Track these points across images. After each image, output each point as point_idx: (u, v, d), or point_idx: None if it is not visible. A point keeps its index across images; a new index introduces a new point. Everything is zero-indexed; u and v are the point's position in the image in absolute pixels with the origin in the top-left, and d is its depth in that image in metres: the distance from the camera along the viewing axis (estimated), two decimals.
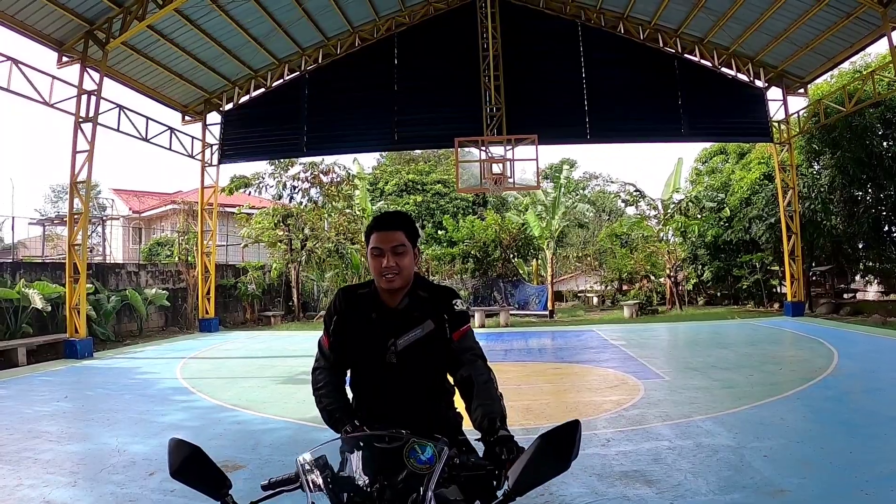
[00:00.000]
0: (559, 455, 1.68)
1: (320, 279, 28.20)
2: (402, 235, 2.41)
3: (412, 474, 1.75)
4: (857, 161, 20.32)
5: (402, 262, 2.39)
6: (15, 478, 5.69)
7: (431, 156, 46.27)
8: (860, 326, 17.01)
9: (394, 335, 2.43)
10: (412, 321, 2.45)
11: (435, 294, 2.53)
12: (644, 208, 29.54)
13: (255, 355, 15.79)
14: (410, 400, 2.46)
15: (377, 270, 2.39)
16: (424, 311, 2.47)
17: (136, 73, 18.84)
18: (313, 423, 7.55)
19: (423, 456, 1.78)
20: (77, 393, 10.66)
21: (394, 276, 2.38)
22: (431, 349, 2.44)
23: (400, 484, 1.74)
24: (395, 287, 2.41)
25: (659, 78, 21.18)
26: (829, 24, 17.27)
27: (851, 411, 7.66)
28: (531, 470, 1.69)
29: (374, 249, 2.39)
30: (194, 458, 1.85)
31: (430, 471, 1.74)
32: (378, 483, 1.72)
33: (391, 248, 2.37)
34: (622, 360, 12.59)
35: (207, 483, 1.84)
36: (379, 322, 2.47)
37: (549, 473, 1.70)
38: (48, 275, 17.19)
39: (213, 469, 1.86)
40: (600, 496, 4.94)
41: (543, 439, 1.70)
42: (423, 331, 2.44)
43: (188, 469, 1.85)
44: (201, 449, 1.87)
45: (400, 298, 2.47)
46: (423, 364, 2.46)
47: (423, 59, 21.70)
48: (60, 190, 43.56)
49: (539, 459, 1.69)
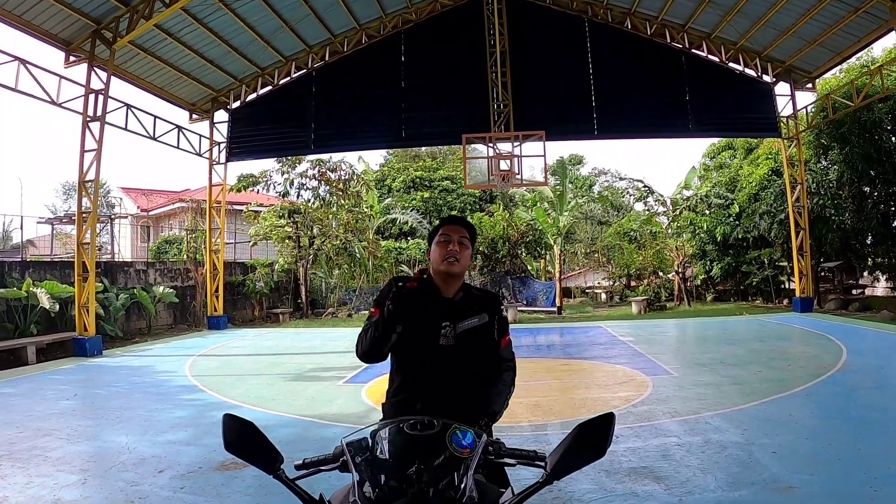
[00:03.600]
0: (595, 444, 1.77)
1: (328, 276, 28.23)
2: (466, 232, 2.75)
3: (448, 459, 1.82)
4: (866, 156, 20.22)
5: (463, 251, 2.69)
6: (25, 475, 5.72)
7: (438, 152, 46.22)
8: (869, 322, 16.93)
9: (450, 320, 2.65)
10: (467, 311, 2.70)
11: (486, 294, 2.88)
12: (652, 204, 29.46)
13: (264, 353, 15.82)
14: (456, 384, 2.64)
15: (441, 255, 2.66)
16: (480, 305, 2.75)
17: (144, 72, 18.88)
18: (322, 420, 7.59)
19: (464, 441, 1.86)
20: (86, 391, 10.72)
21: (455, 261, 2.65)
22: (485, 340, 2.72)
23: (437, 468, 1.79)
24: (454, 271, 2.68)
25: (666, 73, 21.09)
26: (836, 18, 17.16)
27: (860, 407, 7.63)
28: (569, 456, 1.77)
29: (441, 236, 2.71)
30: (248, 433, 1.95)
31: (470, 455, 1.83)
32: (416, 466, 1.76)
33: (458, 237, 2.69)
34: (630, 357, 12.59)
35: (261, 457, 1.93)
36: (434, 307, 2.67)
37: (585, 460, 1.79)
38: (57, 273, 17.25)
39: (266, 444, 1.95)
40: (609, 492, 4.94)
41: (581, 429, 1.79)
42: (481, 321, 2.71)
43: (242, 443, 1.94)
44: (254, 424, 1.97)
45: (455, 290, 2.74)
46: (477, 350, 2.70)
47: (430, 56, 21.66)
48: (70, 187, 43.72)
49: (576, 447, 1.77)
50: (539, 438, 6.56)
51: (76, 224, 16.35)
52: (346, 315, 25.48)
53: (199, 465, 5.96)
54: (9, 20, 14.26)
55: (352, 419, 7.75)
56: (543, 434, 6.75)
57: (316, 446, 1.74)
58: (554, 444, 1.81)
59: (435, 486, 1.73)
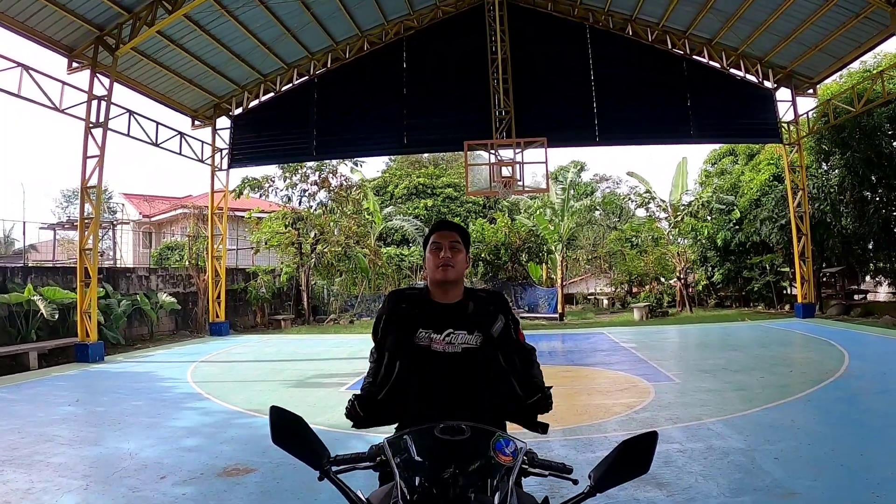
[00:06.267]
0: (639, 460, 1.83)
1: (330, 283, 28.22)
2: (458, 236, 2.67)
3: (482, 466, 1.83)
4: (867, 161, 20.21)
5: (456, 257, 2.61)
6: (27, 481, 5.73)
7: (441, 159, 46.25)
8: (871, 328, 16.91)
9: (453, 326, 2.56)
10: (482, 313, 2.60)
11: (491, 294, 2.75)
12: (654, 210, 29.47)
13: (266, 359, 15.82)
14: (462, 393, 2.51)
15: (434, 263, 2.60)
16: (488, 308, 2.63)
17: (146, 79, 18.95)
18: (324, 426, 7.58)
19: (507, 449, 1.89)
20: (88, 397, 10.71)
21: (449, 269, 2.58)
22: (503, 345, 2.60)
23: (472, 474, 1.79)
24: (449, 278, 2.60)
25: (667, 79, 21.12)
26: (837, 24, 17.21)
27: (862, 413, 7.62)
28: (613, 471, 1.83)
29: (433, 244, 2.64)
30: (295, 427, 1.96)
31: (512, 463, 1.85)
32: (451, 471, 1.77)
33: (449, 243, 2.62)
34: (632, 363, 12.57)
35: (308, 452, 1.94)
36: (433, 315, 2.59)
37: (628, 476, 1.85)
38: (59, 279, 17.28)
39: (314, 438, 1.95)
40: (611, 499, 4.91)
41: (626, 445, 1.84)
42: (502, 322, 2.61)
43: (289, 437, 1.95)
44: (302, 418, 1.97)
45: (453, 296, 2.64)
46: (502, 353, 2.61)
47: (432, 63, 21.73)
48: (71, 195, 43.77)
49: (621, 463, 1.83)
50: (542, 445, 6.53)
51: (78, 230, 16.37)
52: (347, 321, 25.46)
53: (202, 471, 5.95)
54: (12, 26, 14.34)
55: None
56: (546, 441, 6.71)
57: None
58: (557, 452, 1.83)
59: (471, 491, 1.74)
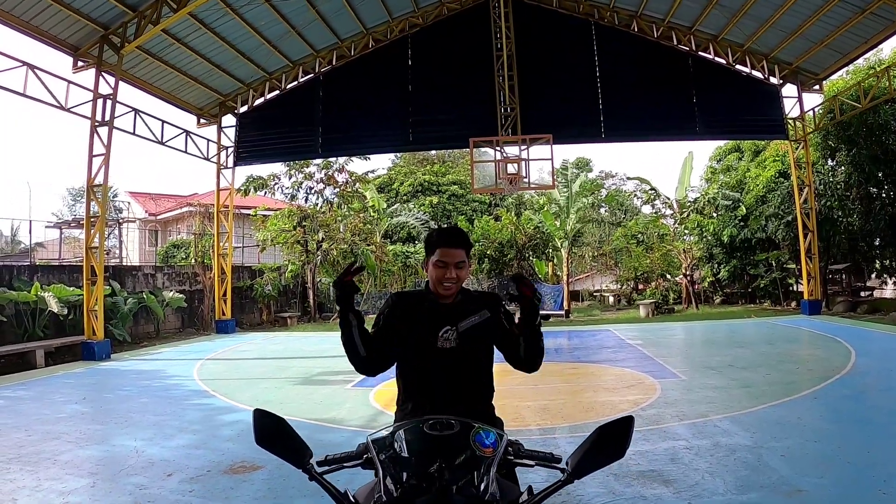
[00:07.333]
0: (615, 445, 1.86)
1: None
2: (464, 253, 2.71)
3: (469, 459, 1.86)
4: (873, 158, 20.12)
5: (461, 274, 2.69)
6: (34, 479, 5.75)
7: (446, 156, 46.19)
8: (877, 324, 16.84)
9: (450, 323, 2.70)
10: (468, 311, 2.74)
11: (484, 294, 2.91)
12: (660, 206, 29.39)
13: (272, 356, 15.87)
14: (460, 387, 2.68)
15: (438, 279, 2.68)
16: (479, 304, 2.78)
17: (152, 77, 18.98)
18: (330, 423, 7.59)
19: (487, 441, 1.92)
20: (95, 395, 10.75)
21: (452, 286, 2.68)
22: (488, 334, 2.76)
23: (458, 467, 1.83)
24: (450, 293, 2.71)
25: (673, 76, 21.05)
26: (843, 19, 17.12)
27: (869, 410, 7.60)
28: (590, 457, 1.86)
29: (438, 262, 2.67)
30: (278, 428, 2.00)
31: (492, 455, 1.88)
32: (437, 465, 1.80)
33: (455, 263, 2.66)
34: (638, 360, 12.55)
35: (291, 451, 1.98)
36: (434, 312, 2.72)
37: (605, 461, 1.88)
38: (65, 277, 17.35)
39: (296, 439, 2.00)
40: (618, 496, 4.93)
41: (601, 431, 1.87)
42: (481, 318, 2.74)
43: (272, 438, 1.99)
44: (284, 420, 2.02)
45: (453, 296, 2.74)
46: (481, 347, 2.76)
47: (437, 60, 21.71)
48: (77, 193, 43.92)
49: (597, 448, 1.86)
50: (547, 441, 6.53)
51: (85, 228, 16.43)
52: None
53: (208, 468, 5.96)
54: (17, 25, 14.36)
55: (360, 422, 7.76)
56: (552, 437, 6.71)
57: (324, 450, 1.77)
58: (563, 448, 1.83)
59: (456, 484, 1.76)
